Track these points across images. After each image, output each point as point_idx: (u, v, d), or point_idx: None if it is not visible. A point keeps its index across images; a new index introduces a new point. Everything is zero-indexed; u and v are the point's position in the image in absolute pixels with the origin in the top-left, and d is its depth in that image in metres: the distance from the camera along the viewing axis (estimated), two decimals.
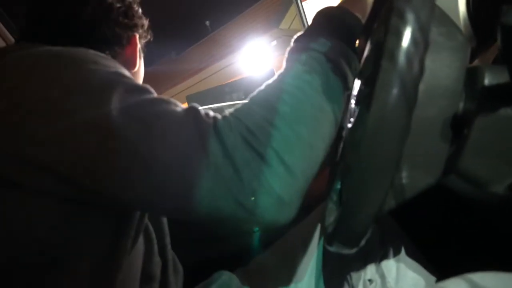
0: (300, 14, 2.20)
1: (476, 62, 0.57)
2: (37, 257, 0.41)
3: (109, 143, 0.38)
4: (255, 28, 6.69)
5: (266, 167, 0.38)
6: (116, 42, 0.61)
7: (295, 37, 0.51)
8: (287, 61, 0.47)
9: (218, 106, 0.94)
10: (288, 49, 0.49)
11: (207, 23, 8.96)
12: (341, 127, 0.67)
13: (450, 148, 0.42)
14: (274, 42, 6.00)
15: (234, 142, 0.38)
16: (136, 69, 0.65)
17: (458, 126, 0.41)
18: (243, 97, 2.00)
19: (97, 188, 0.39)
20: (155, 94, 0.44)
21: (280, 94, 0.42)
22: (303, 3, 2.30)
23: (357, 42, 0.52)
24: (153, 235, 0.59)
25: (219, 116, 0.42)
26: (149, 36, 0.71)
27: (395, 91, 0.31)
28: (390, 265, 0.63)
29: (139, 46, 0.66)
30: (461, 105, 0.42)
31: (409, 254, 0.65)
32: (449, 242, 0.68)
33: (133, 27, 0.64)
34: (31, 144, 0.39)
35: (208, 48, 7.53)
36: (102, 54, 0.47)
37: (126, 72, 0.46)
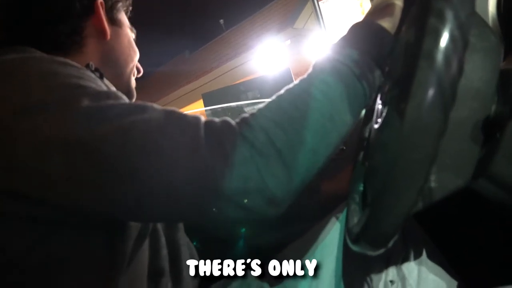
0: (316, 12, 2.19)
1: (504, 64, 0.56)
2: (18, 276, 0.40)
3: (78, 159, 0.36)
4: (269, 27, 6.68)
5: (264, 165, 0.38)
6: (75, 15, 0.57)
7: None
8: (312, 67, 0.48)
9: (238, 105, 0.95)
10: (317, 57, 0.49)
11: (221, 21, 8.99)
12: (362, 128, 0.66)
13: (481, 151, 0.41)
14: (288, 41, 5.98)
15: (233, 142, 0.38)
16: (108, 38, 0.61)
17: (490, 129, 0.41)
18: (259, 95, 2.01)
19: (77, 205, 0.38)
20: (124, 100, 0.42)
21: (293, 99, 0.43)
22: (319, 2, 2.29)
23: None
24: (158, 226, 0.57)
25: (219, 119, 0.42)
26: (127, 1, 0.66)
27: (432, 90, 0.31)
28: (411, 268, 0.63)
29: (102, 12, 0.60)
30: (493, 107, 0.41)
31: (431, 257, 0.64)
32: (473, 246, 0.67)
33: None
34: None
35: (222, 47, 7.55)
36: (62, 60, 0.44)
37: (89, 82, 0.43)
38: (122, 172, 0.36)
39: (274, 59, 5.99)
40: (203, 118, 0.42)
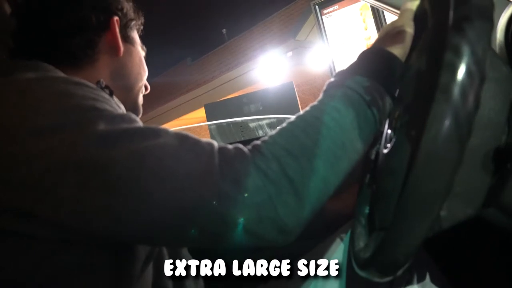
0: (319, 25, 2.21)
1: None
2: None
3: (91, 182, 0.36)
4: (271, 38, 6.73)
5: (276, 194, 0.38)
6: (90, 29, 0.58)
7: (336, 71, 0.51)
8: (323, 93, 0.48)
9: (243, 120, 0.95)
10: (328, 82, 0.50)
11: (224, 31, 9.05)
12: (368, 150, 0.66)
13: (491, 180, 0.41)
14: (290, 53, 6.02)
15: (247, 170, 0.39)
16: (121, 55, 0.62)
17: (501, 159, 0.41)
18: (261, 108, 2.02)
19: (87, 227, 0.38)
20: (138, 124, 0.42)
21: (305, 127, 0.43)
22: (323, 17, 2.31)
23: None
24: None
25: (232, 146, 0.42)
26: (140, 20, 0.67)
27: (448, 124, 0.31)
28: None
29: (117, 29, 0.61)
30: (503, 138, 0.42)
31: (434, 280, 0.64)
32: (477, 270, 0.67)
33: (107, 10, 0.60)
34: (6, 190, 0.37)
35: (224, 56, 7.59)
36: (77, 80, 0.44)
37: (104, 103, 0.43)
38: (134, 196, 0.36)
39: (276, 70, 6.03)
40: (216, 144, 0.42)
